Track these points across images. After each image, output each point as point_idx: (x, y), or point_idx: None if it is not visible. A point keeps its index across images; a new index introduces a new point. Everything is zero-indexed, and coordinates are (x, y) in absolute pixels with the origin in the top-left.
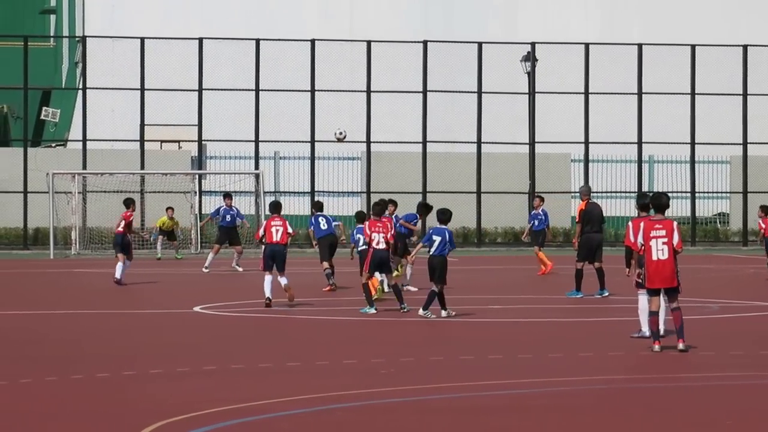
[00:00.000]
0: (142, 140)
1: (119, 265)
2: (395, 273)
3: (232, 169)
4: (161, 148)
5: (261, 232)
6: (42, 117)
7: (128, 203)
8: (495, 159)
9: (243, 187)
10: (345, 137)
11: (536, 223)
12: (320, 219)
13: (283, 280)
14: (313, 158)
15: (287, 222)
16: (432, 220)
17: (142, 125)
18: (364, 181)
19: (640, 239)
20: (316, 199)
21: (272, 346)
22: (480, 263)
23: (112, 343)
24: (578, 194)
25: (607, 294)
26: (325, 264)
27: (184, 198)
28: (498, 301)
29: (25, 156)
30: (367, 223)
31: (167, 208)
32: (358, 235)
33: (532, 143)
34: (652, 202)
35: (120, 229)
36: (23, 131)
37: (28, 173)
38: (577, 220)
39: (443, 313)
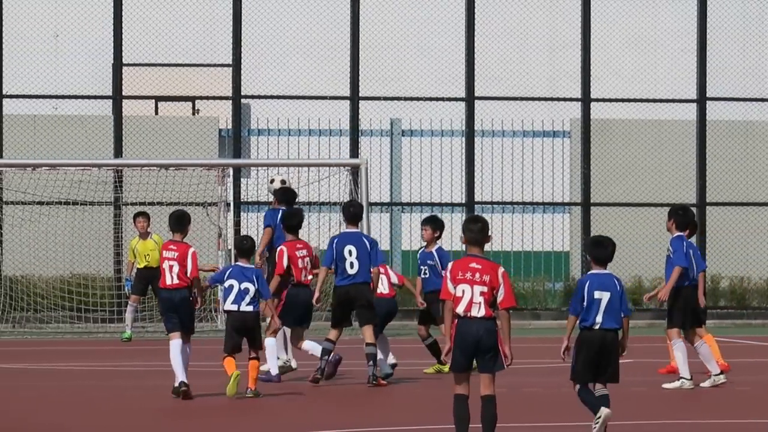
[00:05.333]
0: (117, 97)
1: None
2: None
3: (302, 156)
4: (157, 113)
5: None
6: None
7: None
8: None
9: (327, 194)
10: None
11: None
12: (349, 249)
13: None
14: (470, 131)
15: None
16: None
17: (118, 66)
18: (576, 179)
19: None
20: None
21: None
22: None
23: None
24: None
25: None
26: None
27: (204, 215)
28: None
29: None
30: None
31: (137, 216)
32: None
33: None
34: None
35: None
36: None
37: None
38: None
39: None
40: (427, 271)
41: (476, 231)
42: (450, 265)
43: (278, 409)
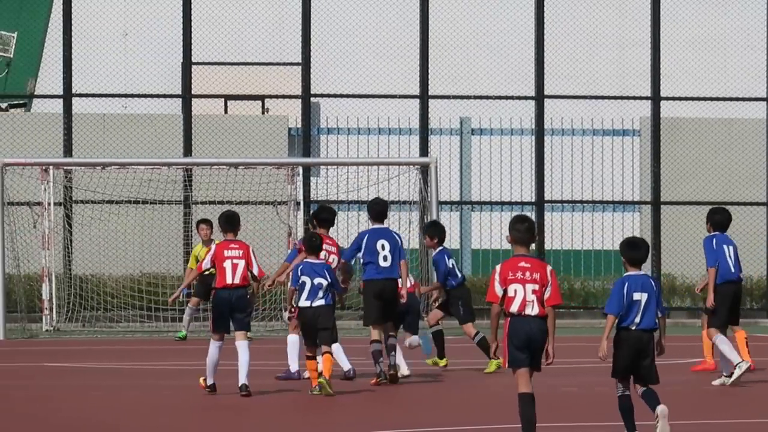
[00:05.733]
0: (186, 96)
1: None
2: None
3: (372, 154)
4: (226, 112)
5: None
6: None
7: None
8: None
9: (397, 193)
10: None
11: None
12: (381, 243)
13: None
14: (540, 129)
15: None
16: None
17: (187, 65)
18: (646, 178)
19: None
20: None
21: None
22: None
23: None
24: None
25: None
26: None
27: (273, 214)
28: None
29: None
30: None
31: (200, 223)
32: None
33: None
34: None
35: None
36: None
37: None
38: None
39: None
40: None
41: (523, 230)
42: (498, 267)
43: (347, 407)
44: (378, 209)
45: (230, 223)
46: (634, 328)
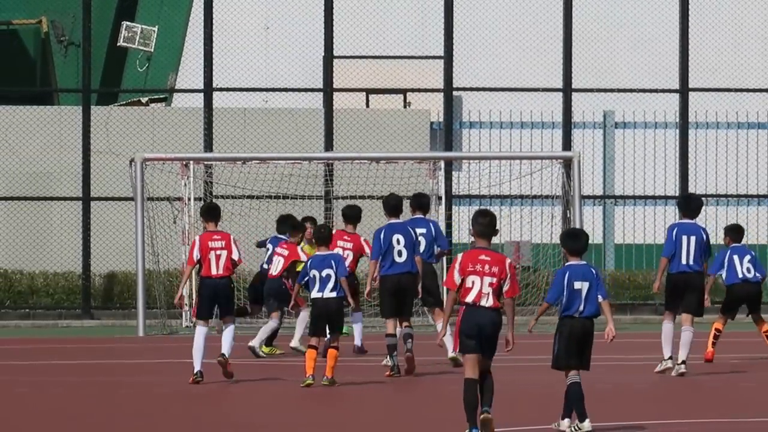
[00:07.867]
0: (328, 90)
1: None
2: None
3: (514, 148)
4: (368, 106)
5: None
6: (121, 42)
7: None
8: None
9: (539, 187)
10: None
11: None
12: (397, 237)
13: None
14: (684, 123)
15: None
16: None
17: (329, 59)
18: None
19: None
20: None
21: None
22: None
23: None
24: None
25: None
26: (391, 324)
27: None
28: None
29: (86, 123)
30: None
31: (305, 221)
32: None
33: None
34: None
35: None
36: (81, 72)
37: (90, 160)
38: None
39: None
40: None
41: (485, 224)
42: (460, 256)
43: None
44: (392, 204)
45: (212, 214)
46: (578, 316)
